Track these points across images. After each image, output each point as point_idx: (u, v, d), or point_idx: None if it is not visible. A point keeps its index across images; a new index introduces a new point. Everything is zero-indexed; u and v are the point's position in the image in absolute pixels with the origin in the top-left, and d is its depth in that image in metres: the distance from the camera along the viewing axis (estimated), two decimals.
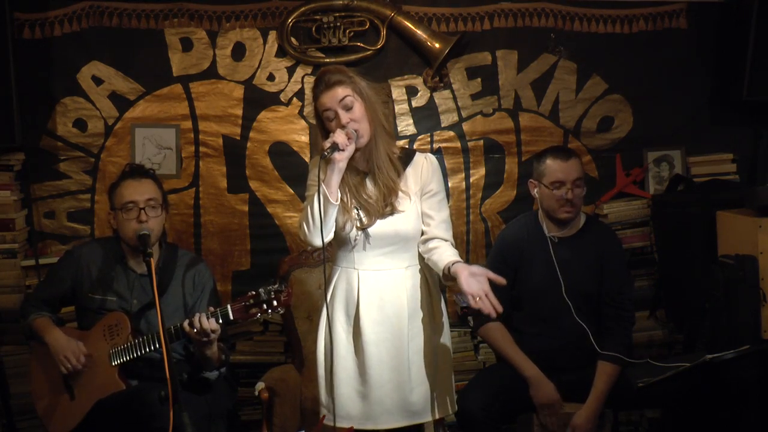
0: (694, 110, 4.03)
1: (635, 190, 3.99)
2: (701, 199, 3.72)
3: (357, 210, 2.78)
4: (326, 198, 2.64)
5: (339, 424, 2.77)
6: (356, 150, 2.74)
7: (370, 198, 2.78)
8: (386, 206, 2.77)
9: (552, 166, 3.26)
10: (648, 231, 3.96)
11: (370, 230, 2.77)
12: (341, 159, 2.67)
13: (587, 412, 3.14)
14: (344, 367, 2.79)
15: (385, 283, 2.80)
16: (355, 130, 2.71)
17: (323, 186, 2.65)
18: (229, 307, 2.86)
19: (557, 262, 3.25)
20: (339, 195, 2.69)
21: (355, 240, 2.78)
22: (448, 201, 3.47)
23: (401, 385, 2.79)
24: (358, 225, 2.77)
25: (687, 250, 3.72)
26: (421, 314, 2.83)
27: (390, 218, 2.78)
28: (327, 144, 2.66)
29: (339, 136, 2.66)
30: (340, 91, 2.72)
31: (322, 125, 2.78)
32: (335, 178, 2.67)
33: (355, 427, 2.77)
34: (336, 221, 2.75)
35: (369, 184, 2.81)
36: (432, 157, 2.89)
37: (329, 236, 2.72)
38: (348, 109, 2.72)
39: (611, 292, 3.26)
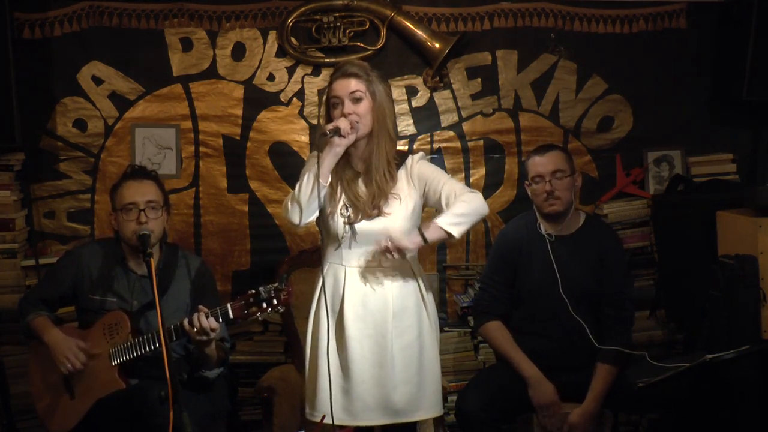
0: (694, 110, 4.03)
1: (635, 190, 3.99)
2: (701, 199, 3.72)
3: (346, 206, 2.81)
4: (316, 176, 2.70)
5: (318, 419, 2.79)
6: (353, 146, 2.79)
7: (360, 197, 2.82)
8: (374, 208, 2.80)
9: (532, 162, 3.32)
10: (648, 231, 3.96)
11: (357, 227, 2.81)
12: (340, 144, 2.72)
13: (584, 411, 3.14)
14: (326, 363, 2.80)
15: (371, 280, 2.83)
16: (356, 122, 2.75)
17: (316, 167, 2.70)
18: (229, 306, 2.85)
19: (555, 260, 3.26)
20: (329, 179, 2.75)
21: (343, 236, 2.82)
22: None
23: (383, 382, 2.80)
24: (345, 220, 2.81)
25: (687, 250, 3.72)
26: (408, 313, 2.84)
27: (377, 220, 2.81)
28: (330, 126, 2.71)
29: (343, 122, 2.72)
30: (353, 84, 2.77)
31: (327, 110, 2.83)
32: (330, 160, 2.73)
33: (336, 422, 2.78)
34: (324, 212, 2.80)
35: (361, 183, 2.84)
36: (418, 156, 2.90)
37: (310, 218, 2.77)
38: (356, 102, 2.76)
39: (611, 291, 3.26)
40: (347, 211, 2.82)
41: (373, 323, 2.81)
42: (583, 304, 3.25)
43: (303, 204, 2.73)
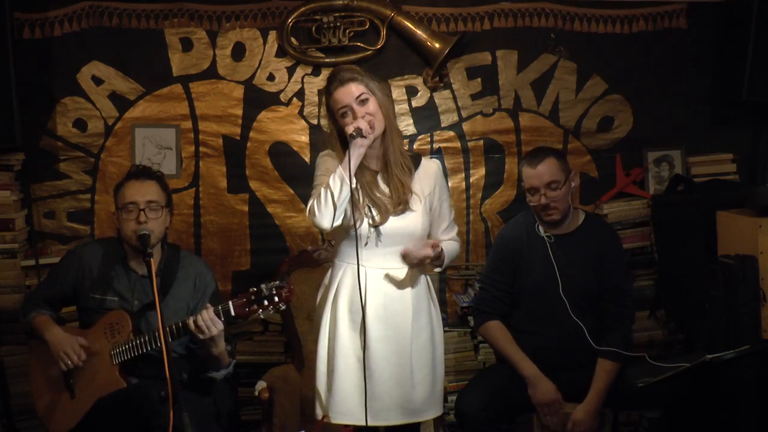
0: (694, 110, 4.03)
1: (635, 190, 3.99)
2: (701, 199, 3.72)
3: (369, 207, 2.81)
4: (343, 179, 2.69)
5: (338, 420, 2.81)
6: (372, 148, 2.80)
7: (383, 196, 2.82)
8: (399, 204, 2.81)
9: (525, 173, 3.29)
10: (648, 231, 3.96)
11: (381, 229, 2.81)
12: (362, 145, 2.73)
13: (587, 408, 3.14)
14: (345, 363, 2.81)
15: (391, 281, 2.84)
16: (373, 121, 2.76)
17: (340, 168, 2.71)
18: (230, 303, 2.85)
19: (555, 260, 3.26)
20: (355, 181, 2.73)
21: (368, 237, 2.81)
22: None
23: (403, 382, 2.82)
24: (371, 222, 2.80)
25: (687, 250, 3.72)
26: (423, 314, 2.88)
27: (401, 217, 2.81)
28: (351, 128, 2.71)
29: (362, 122, 2.72)
30: (355, 88, 2.77)
31: (336, 122, 2.82)
32: (355, 161, 2.72)
33: (355, 423, 2.80)
34: (346, 216, 2.78)
35: (381, 182, 2.84)
36: (438, 162, 2.98)
37: (339, 221, 2.75)
38: (363, 104, 2.77)
39: (611, 289, 3.26)
40: (371, 213, 2.82)
41: (395, 324, 2.83)
42: (583, 303, 3.25)
43: (338, 206, 2.72)
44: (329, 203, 2.71)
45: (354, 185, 2.72)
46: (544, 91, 3.99)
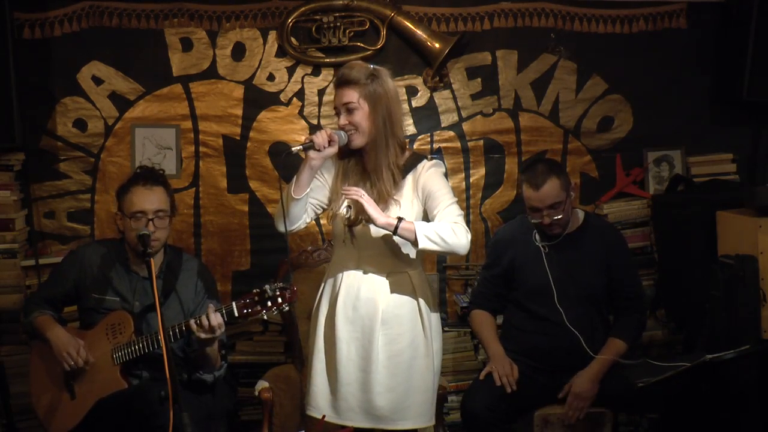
0: (694, 110, 4.03)
1: (635, 190, 3.99)
2: (701, 199, 3.72)
3: (349, 206, 2.82)
4: (289, 191, 2.75)
5: (309, 412, 2.89)
6: (362, 149, 2.81)
7: None
8: None
9: (526, 193, 3.26)
10: (648, 231, 3.96)
11: (355, 230, 2.82)
12: (315, 158, 2.73)
13: (587, 372, 3.18)
14: (320, 360, 2.87)
15: (364, 284, 2.84)
16: (348, 133, 2.77)
17: (295, 176, 2.77)
18: (234, 304, 2.85)
19: (549, 269, 3.27)
20: (307, 191, 2.77)
21: (344, 238, 2.85)
22: None
23: (367, 386, 2.82)
24: (346, 222, 2.82)
25: (687, 250, 3.72)
26: (401, 322, 2.84)
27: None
28: (305, 139, 2.73)
29: (319, 137, 2.71)
30: (346, 95, 2.77)
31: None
32: (305, 174, 2.76)
33: (325, 419, 2.84)
34: (335, 216, 2.86)
35: (369, 185, 2.83)
36: (431, 163, 2.86)
37: (293, 227, 2.82)
38: (349, 113, 2.77)
39: (622, 284, 3.30)
40: (348, 213, 2.82)
41: (362, 327, 2.83)
42: (582, 308, 3.26)
43: (286, 214, 2.78)
44: (280, 210, 2.80)
45: (301, 196, 2.75)
46: (544, 91, 3.99)
